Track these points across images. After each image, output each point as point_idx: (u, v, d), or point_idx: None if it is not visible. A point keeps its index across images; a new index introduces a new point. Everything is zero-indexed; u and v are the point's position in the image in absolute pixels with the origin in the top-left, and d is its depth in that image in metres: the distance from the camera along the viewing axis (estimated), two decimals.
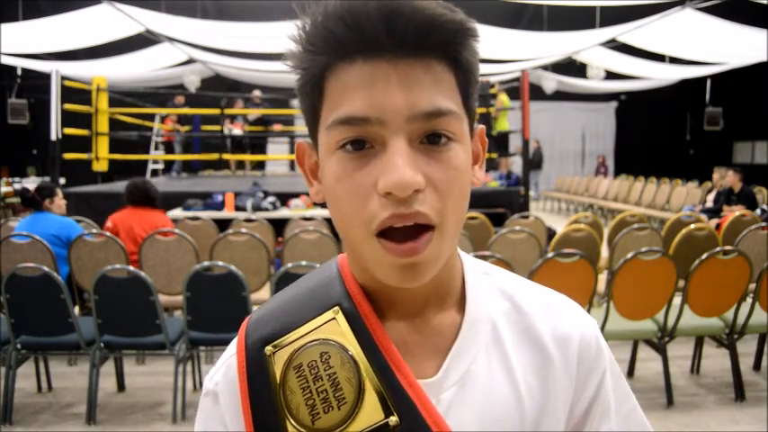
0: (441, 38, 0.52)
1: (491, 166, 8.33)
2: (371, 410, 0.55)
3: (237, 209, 5.86)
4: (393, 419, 0.55)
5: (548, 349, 0.61)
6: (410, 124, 0.51)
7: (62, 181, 7.17)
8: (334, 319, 0.59)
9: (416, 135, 0.52)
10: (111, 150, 8.07)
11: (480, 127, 0.61)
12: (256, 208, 5.82)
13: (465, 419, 0.57)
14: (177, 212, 5.71)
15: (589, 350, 0.62)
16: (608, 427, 0.61)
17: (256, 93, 10.20)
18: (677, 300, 3.28)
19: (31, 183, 11.08)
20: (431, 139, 0.52)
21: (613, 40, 9.67)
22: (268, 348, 0.58)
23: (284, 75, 12.05)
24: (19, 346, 3.16)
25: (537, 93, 12.12)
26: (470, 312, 0.60)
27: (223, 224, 4.80)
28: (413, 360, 0.58)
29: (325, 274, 0.63)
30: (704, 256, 3.18)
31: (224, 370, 0.61)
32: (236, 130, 9.79)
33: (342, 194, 0.53)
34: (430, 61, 0.52)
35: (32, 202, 3.94)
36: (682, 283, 3.30)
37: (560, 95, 14.47)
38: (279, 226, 4.86)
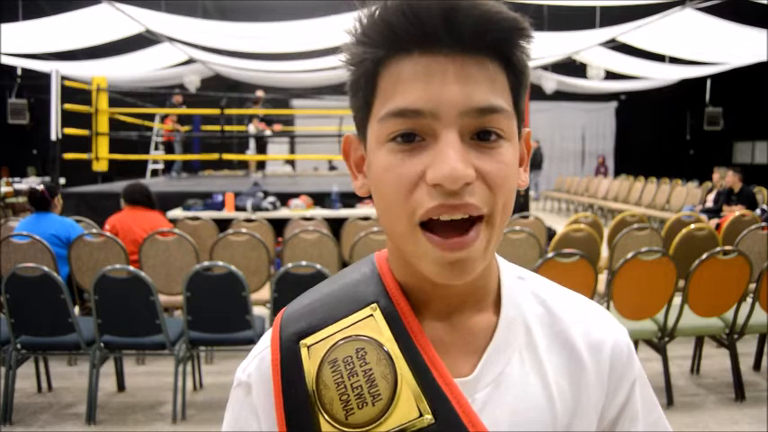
0: (497, 35, 0.52)
1: None
2: (406, 408, 0.55)
3: (237, 209, 5.86)
4: (428, 417, 0.55)
5: (580, 354, 0.61)
6: (462, 119, 0.52)
7: (62, 181, 7.17)
8: (371, 315, 0.59)
9: (468, 130, 0.52)
10: (111, 150, 8.07)
11: (527, 130, 0.61)
12: (256, 208, 5.82)
13: (498, 420, 0.57)
14: (177, 212, 5.71)
15: (621, 357, 0.62)
16: (636, 431, 0.62)
17: (260, 93, 10.20)
18: (677, 300, 3.28)
19: (31, 183, 11.07)
20: (481, 136, 0.53)
21: (613, 40, 9.66)
22: (303, 342, 0.58)
23: (284, 75, 12.07)
24: (19, 346, 3.16)
25: (537, 93, 12.12)
26: (506, 314, 0.61)
27: (223, 224, 4.80)
28: (448, 359, 0.58)
29: (363, 271, 0.63)
30: (704, 256, 3.18)
31: (257, 362, 0.61)
32: (267, 132, 9.81)
33: (388, 183, 0.53)
34: (484, 59, 0.53)
35: (42, 201, 3.93)
36: (682, 283, 3.30)
37: (560, 95, 14.45)
38: (279, 226, 4.87)
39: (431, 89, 0.51)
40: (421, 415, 0.55)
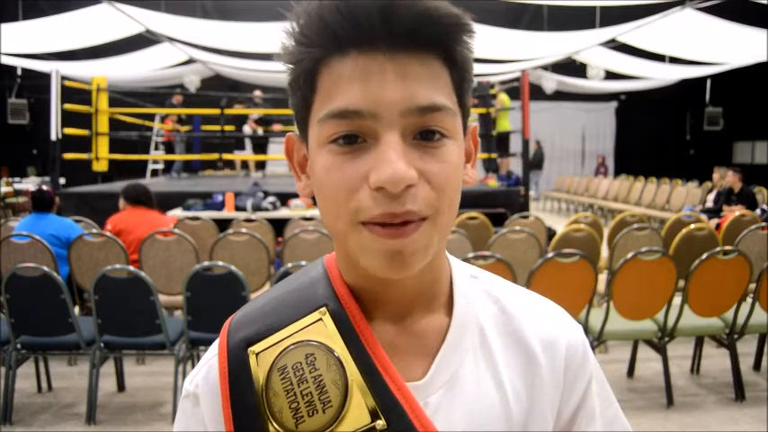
0: (436, 31, 0.51)
1: (493, 167, 8.32)
2: (358, 414, 0.54)
3: (237, 209, 5.86)
4: (380, 423, 0.53)
5: (535, 353, 0.60)
6: (404, 118, 0.50)
7: (62, 181, 7.16)
8: (320, 320, 0.57)
9: (410, 130, 0.51)
10: (111, 150, 8.07)
11: (473, 125, 0.60)
12: (256, 208, 5.82)
13: (453, 422, 0.56)
14: (177, 212, 5.71)
15: (576, 356, 0.62)
16: (594, 427, 0.61)
17: (257, 93, 10.20)
18: (677, 300, 3.28)
19: (31, 183, 11.09)
20: (424, 136, 0.51)
21: (613, 40, 9.66)
22: (251, 349, 0.57)
23: (284, 75, 12.06)
24: (19, 346, 3.16)
25: (537, 93, 12.12)
26: (458, 315, 0.60)
27: (223, 224, 4.80)
28: (400, 362, 0.57)
29: (312, 275, 0.62)
30: (704, 256, 3.18)
31: (205, 371, 0.60)
32: (260, 131, 9.83)
33: (330, 185, 0.52)
34: (425, 56, 0.51)
35: (48, 202, 3.93)
36: (682, 283, 3.30)
37: (560, 95, 14.46)
38: (279, 226, 4.87)
39: (369, 89, 0.50)
40: (372, 421, 0.54)
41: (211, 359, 0.60)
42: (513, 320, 0.62)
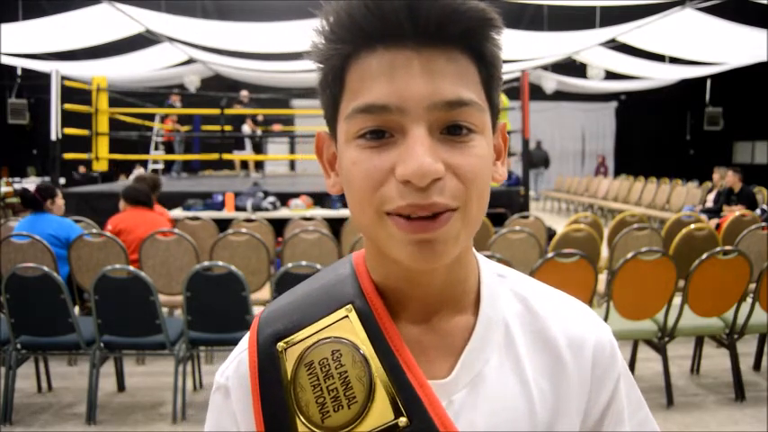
0: (463, 26, 0.51)
1: None
2: (382, 410, 0.55)
3: (237, 209, 5.86)
4: (403, 420, 0.54)
5: (561, 353, 0.60)
6: (431, 113, 0.51)
7: (62, 181, 7.16)
8: (346, 317, 0.58)
9: (437, 125, 0.51)
10: (111, 150, 8.07)
11: (502, 122, 0.60)
12: (256, 208, 5.82)
13: (476, 421, 0.56)
14: (177, 212, 5.72)
15: (603, 355, 0.61)
16: (623, 428, 0.61)
17: (244, 93, 10.19)
18: (677, 300, 3.28)
19: (30, 183, 11.09)
20: (451, 131, 0.52)
21: (613, 40, 9.66)
22: (280, 345, 0.58)
23: (284, 75, 12.07)
24: (19, 346, 3.16)
25: (537, 93, 12.11)
26: (484, 314, 0.60)
27: (223, 224, 4.80)
28: (426, 360, 0.58)
29: (340, 272, 0.63)
30: (704, 256, 3.18)
31: (235, 365, 0.61)
32: (258, 131, 9.84)
33: (356, 177, 0.52)
34: (453, 52, 0.52)
35: (33, 202, 3.93)
36: (682, 283, 3.30)
37: (560, 95, 14.46)
38: (279, 226, 4.87)
39: (396, 84, 0.50)
40: (396, 417, 0.54)
41: (242, 353, 0.61)
42: (540, 320, 0.61)
